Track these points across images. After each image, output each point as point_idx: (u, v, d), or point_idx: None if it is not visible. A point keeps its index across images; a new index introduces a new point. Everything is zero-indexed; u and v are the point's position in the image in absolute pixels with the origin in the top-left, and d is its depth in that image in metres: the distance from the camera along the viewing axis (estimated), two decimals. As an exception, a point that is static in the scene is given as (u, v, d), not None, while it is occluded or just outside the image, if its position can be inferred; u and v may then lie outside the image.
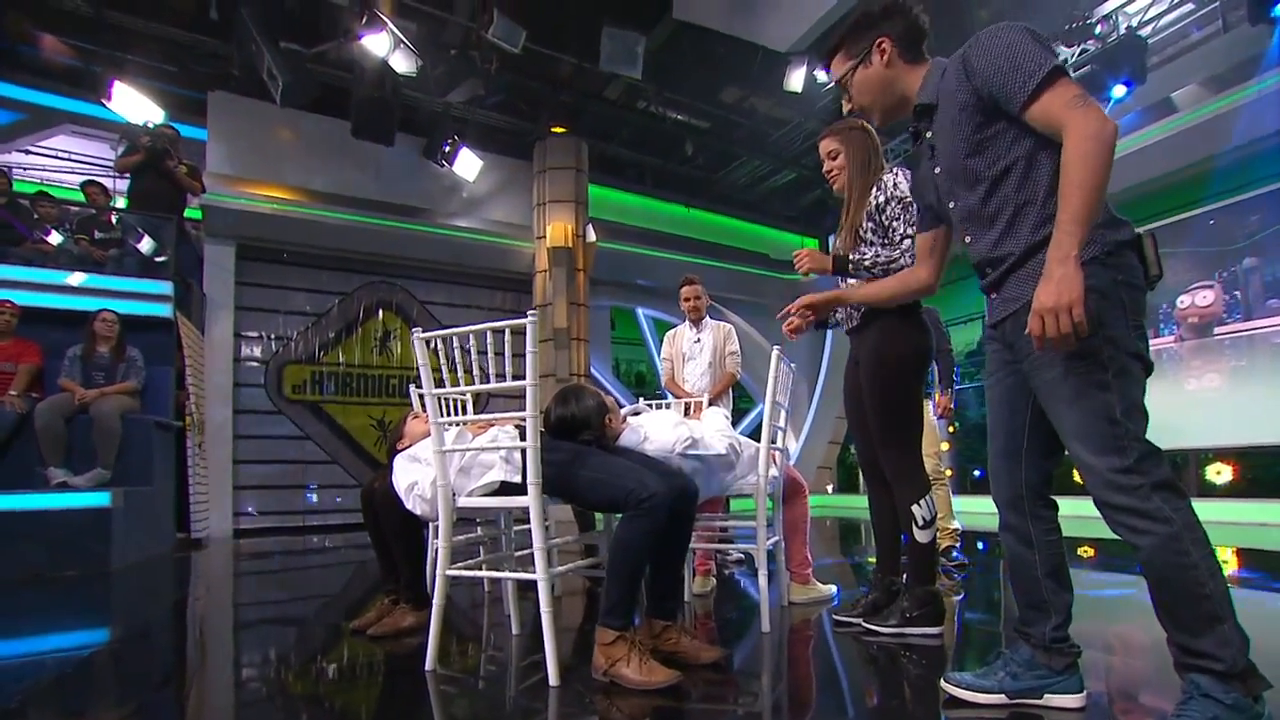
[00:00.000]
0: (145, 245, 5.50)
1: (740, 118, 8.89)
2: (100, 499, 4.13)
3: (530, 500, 1.71)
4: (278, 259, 7.61)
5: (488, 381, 1.81)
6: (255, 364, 7.55)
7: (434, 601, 1.85)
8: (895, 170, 2.16)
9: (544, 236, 8.23)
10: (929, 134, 1.49)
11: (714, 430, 2.13)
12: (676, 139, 8.98)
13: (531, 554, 1.73)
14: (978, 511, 7.06)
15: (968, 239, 1.46)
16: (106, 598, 3.41)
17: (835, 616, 2.30)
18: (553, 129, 8.18)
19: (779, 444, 2.45)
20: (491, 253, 8.49)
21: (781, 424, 2.45)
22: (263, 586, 4.05)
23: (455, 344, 1.84)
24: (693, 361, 3.69)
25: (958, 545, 3.61)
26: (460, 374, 1.85)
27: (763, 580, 2.22)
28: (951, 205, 1.47)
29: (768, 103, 8.48)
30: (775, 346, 2.27)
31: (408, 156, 8.00)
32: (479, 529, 2.93)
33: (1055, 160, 1.27)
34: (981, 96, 1.32)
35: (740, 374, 3.73)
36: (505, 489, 1.83)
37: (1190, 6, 6.58)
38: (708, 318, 3.78)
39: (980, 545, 4.62)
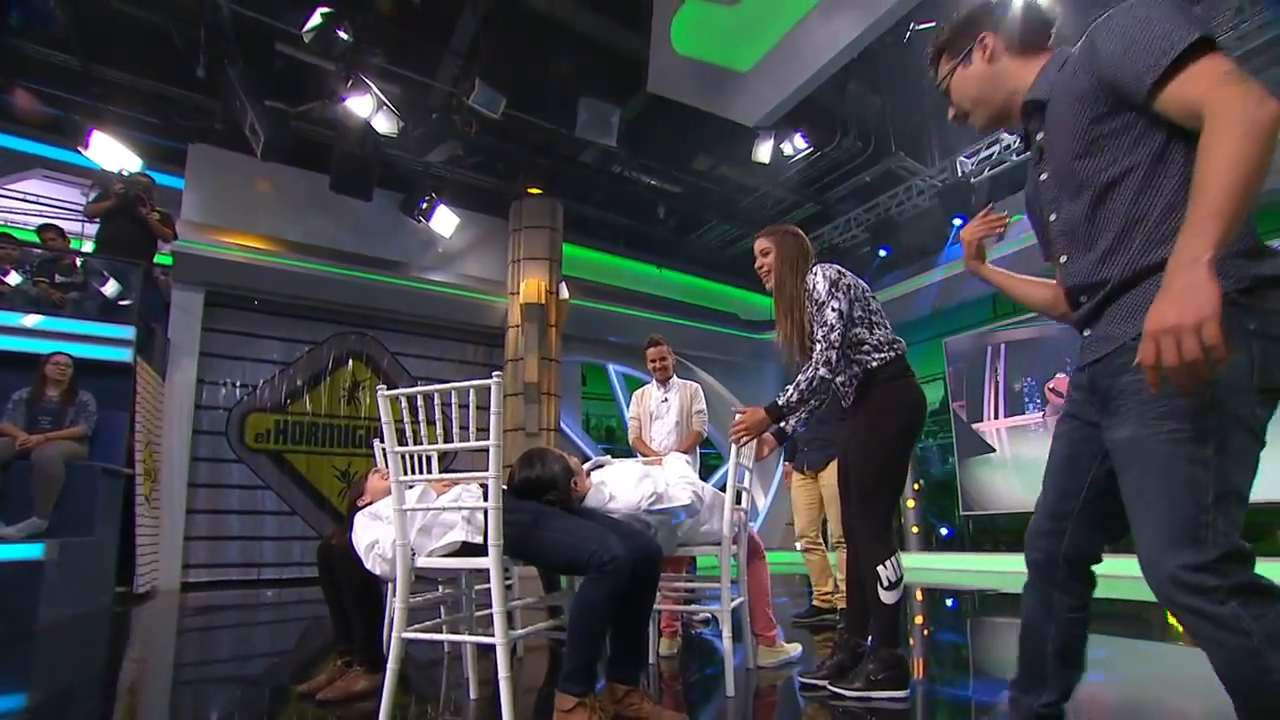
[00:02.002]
0: (109, 289, 5.44)
1: (710, 184, 9.25)
2: (32, 550, 3.95)
3: (490, 562, 1.71)
4: (247, 306, 7.56)
5: (454, 438, 1.84)
6: (217, 411, 7.38)
7: (388, 665, 1.82)
8: (815, 270, 2.26)
9: (517, 292, 8.34)
10: (1039, 135, 1.26)
11: (677, 477, 2.17)
12: (649, 202, 9.29)
13: (492, 615, 1.72)
14: (943, 569, 7.13)
15: (1063, 258, 1.24)
16: (26, 658, 3.22)
17: (801, 679, 2.29)
18: (529, 190, 8.41)
19: (744, 505, 2.50)
20: (464, 307, 8.55)
21: (746, 485, 2.50)
22: (205, 644, 3.87)
23: (420, 401, 1.87)
24: (660, 420, 3.75)
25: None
26: (423, 430, 1.87)
27: (727, 642, 2.22)
28: (1053, 218, 1.25)
29: (737, 171, 8.86)
30: (736, 411, 2.35)
31: (385, 211, 8.11)
32: (440, 588, 2.88)
33: (1186, 167, 1.03)
34: (1103, 83, 1.10)
35: (707, 431, 3.80)
36: (466, 549, 1.84)
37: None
38: (675, 377, 3.86)
39: (949, 602, 4.65)
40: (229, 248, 7.10)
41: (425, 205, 8.00)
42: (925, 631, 3.38)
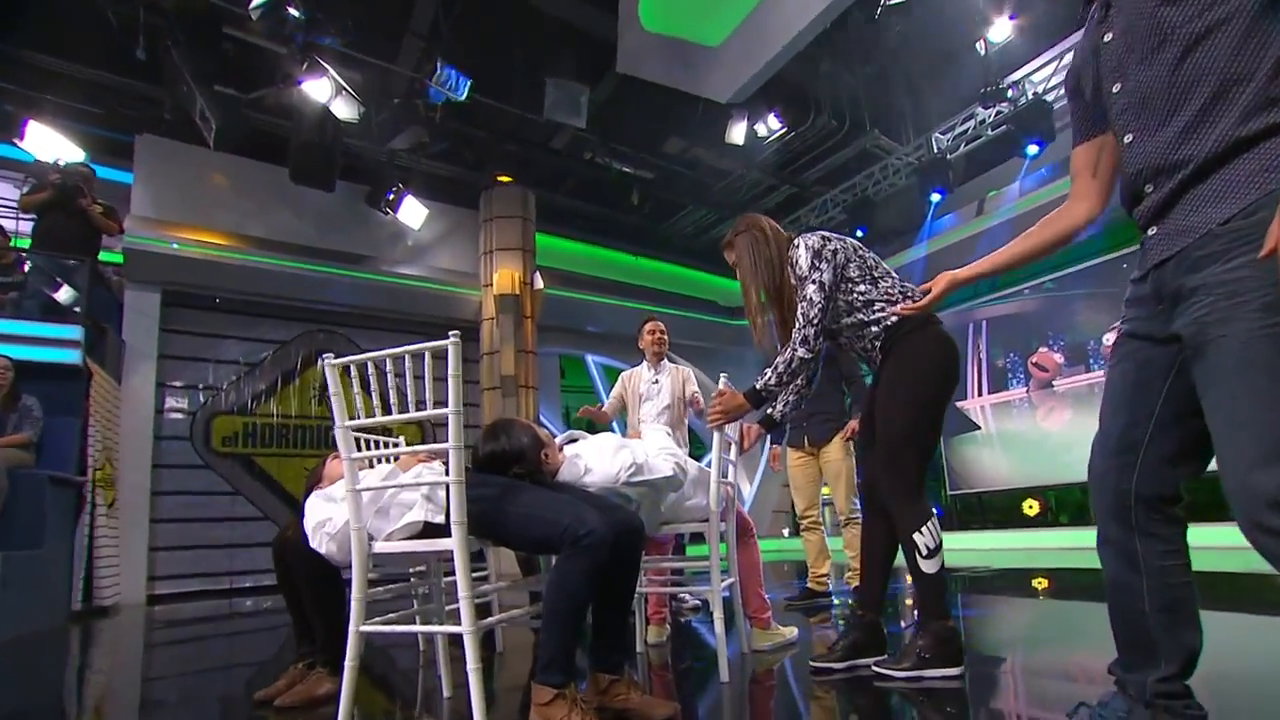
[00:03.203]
0: (54, 287, 5.13)
1: (684, 169, 9.09)
2: (-26, 567, 3.67)
3: (454, 543, 1.54)
4: (208, 305, 7.24)
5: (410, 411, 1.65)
6: (180, 415, 7.07)
7: (346, 663, 1.63)
8: (796, 244, 2.11)
9: (490, 284, 8.14)
10: None
11: (657, 449, 2.01)
12: (622, 189, 9.10)
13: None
14: (967, 548, 7.04)
15: (1128, 137, 1.07)
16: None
17: (814, 664, 2.11)
18: (499, 178, 8.18)
19: (730, 479, 2.35)
20: (437, 300, 8.30)
21: (732, 458, 2.35)
22: (165, 659, 3.63)
23: (371, 370, 1.68)
24: (650, 402, 3.59)
25: None
26: (376, 403, 1.69)
27: (719, 625, 2.07)
28: (1116, 88, 1.08)
29: (710, 154, 8.71)
30: (723, 375, 2.19)
31: (350, 204, 7.83)
32: (413, 579, 2.69)
33: None
34: None
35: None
36: (429, 531, 1.66)
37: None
38: (667, 360, 3.73)
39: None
40: (185, 244, 6.78)
41: (392, 197, 7.73)
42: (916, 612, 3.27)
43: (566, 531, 1.50)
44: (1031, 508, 7.70)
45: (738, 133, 7.58)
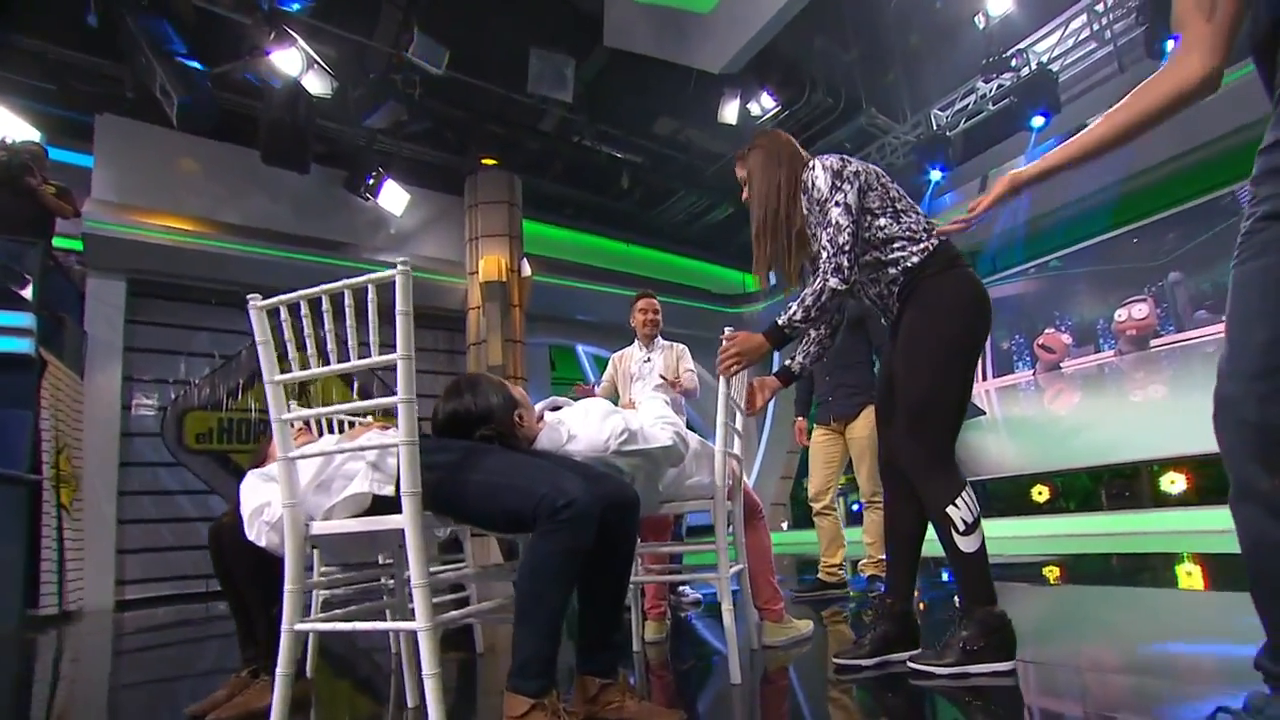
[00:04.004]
0: (9, 277, 4.78)
1: (675, 151, 8.82)
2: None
3: (405, 519, 1.24)
4: (178, 296, 6.88)
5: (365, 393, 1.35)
6: (149, 411, 6.71)
7: (278, 669, 1.33)
8: (811, 165, 1.83)
9: (476, 272, 7.84)
10: None
11: (654, 418, 1.71)
12: (612, 173, 8.82)
13: (447, 597, 1.25)
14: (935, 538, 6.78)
15: None
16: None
17: (838, 660, 1.83)
18: (483, 160, 7.88)
19: (737, 451, 2.06)
20: (421, 289, 7.66)
21: (738, 426, 2.06)
22: (111, 668, 3.29)
23: (306, 311, 1.38)
24: (641, 381, 3.32)
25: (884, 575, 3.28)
26: (311, 354, 1.39)
27: (728, 616, 1.78)
28: None
29: (703, 135, 8.45)
30: (726, 328, 1.91)
31: (328, 189, 7.50)
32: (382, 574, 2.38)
33: None
34: None
35: (697, 391, 3.36)
36: (379, 507, 1.36)
37: (1092, 46, 6.94)
38: (660, 338, 3.46)
39: (946, 574, 4.29)
40: (152, 230, 6.42)
41: (372, 181, 7.41)
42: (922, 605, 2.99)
43: (542, 503, 1.21)
44: (1041, 494, 7.46)
45: (730, 111, 7.32)
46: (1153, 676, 1.72)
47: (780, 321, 1.78)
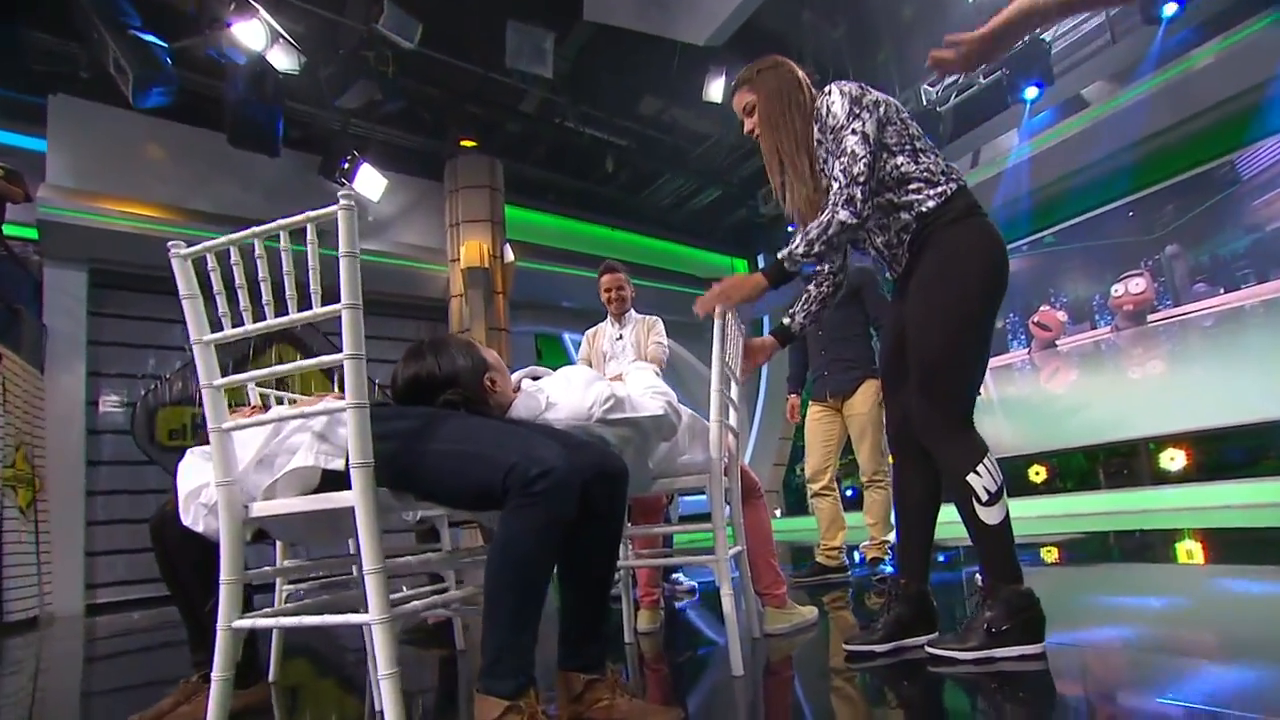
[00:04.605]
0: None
1: (660, 133, 8.62)
2: None
3: (355, 495, 1.06)
4: (144, 287, 6.60)
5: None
6: (117, 408, 6.44)
7: (214, 672, 1.15)
8: (827, 90, 1.66)
9: (458, 258, 7.63)
10: None
11: (643, 388, 1.54)
12: (595, 156, 8.60)
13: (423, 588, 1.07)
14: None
15: None
16: None
17: (849, 647, 1.68)
18: (462, 142, 7.64)
19: (733, 423, 1.89)
20: (400, 277, 7.73)
21: (733, 395, 1.89)
22: (58, 678, 3.07)
23: (237, 259, 1.19)
24: (615, 361, 3.12)
25: (888, 559, 3.15)
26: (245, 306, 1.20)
27: (728, 605, 1.61)
28: None
29: (688, 115, 8.25)
30: (716, 284, 1.73)
31: (301, 175, 7.22)
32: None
33: None
34: None
35: (665, 360, 3.16)
36: (329, 484, 1.18)
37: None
38: (633, 311, 3.26)
39: (941, 556, 4.16)
40: (114, 217, 6.13)
41: (346, 166, 7.14)
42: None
43: (512, 473, 1.03)
44: (1039, 474, 7.38)
45: (716, 89, 7.13)
46: (1189, 656, 1.58)
47: (781, 255, 1.62)
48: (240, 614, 1.17)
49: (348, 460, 1.09)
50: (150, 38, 5.09)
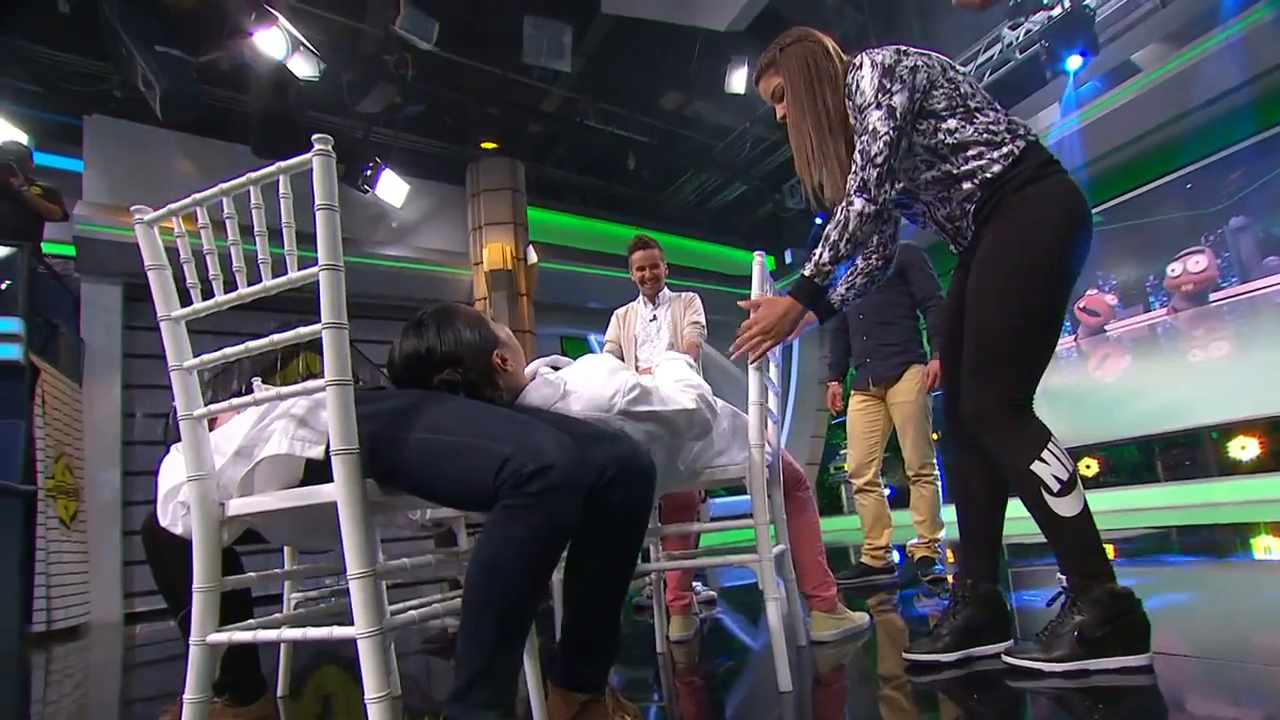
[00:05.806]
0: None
1: (683, 128, 8.48)
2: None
3: (339, 488, 0.91)
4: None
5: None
6: (152, 418, 6.51)
7: (185, 694, 1.02)
8: (858, 63, 1.48)
9: (481, 261, 7.59)
10: None
11: (673, 380, 1.37)
12: (618, 155, 8.50)
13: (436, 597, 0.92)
14: (1019, 515, 6.33)
15: None
16: None
17: (910, 657, 1.49)
18: (483, 145, 7.60)
19: (772, 406, 1.71)
20: (425, 282, 7.72)
21: (773, 380, 1.71)
22: (89, 688, 3.02)
23: (203, 220, 1.06)
24: (648, 344, 2.96)
25: (939, 558, 2.92)
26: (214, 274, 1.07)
27: (772, 610, 1.43)
28: None
29: (710, 108, 8.09)
30: (758, 252, 1.56)
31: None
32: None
33: None
34: None
35: (703, 343, 2.98)
36: (313, 476, 1.04)
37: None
38: (666, 290, 3.09)
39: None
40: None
41: (369, 172, 7.15)
42: (936, 593, 2.61)
43: (505, 468, 0.87)
44: (1089, 468, 6.98)
45: (738, 80, 6.95)
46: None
47: (807, 272, 1.46)
48: (217, 627, 1.04)
49: (328, 447, 0.95)
50: (175, 53, 5.15)
